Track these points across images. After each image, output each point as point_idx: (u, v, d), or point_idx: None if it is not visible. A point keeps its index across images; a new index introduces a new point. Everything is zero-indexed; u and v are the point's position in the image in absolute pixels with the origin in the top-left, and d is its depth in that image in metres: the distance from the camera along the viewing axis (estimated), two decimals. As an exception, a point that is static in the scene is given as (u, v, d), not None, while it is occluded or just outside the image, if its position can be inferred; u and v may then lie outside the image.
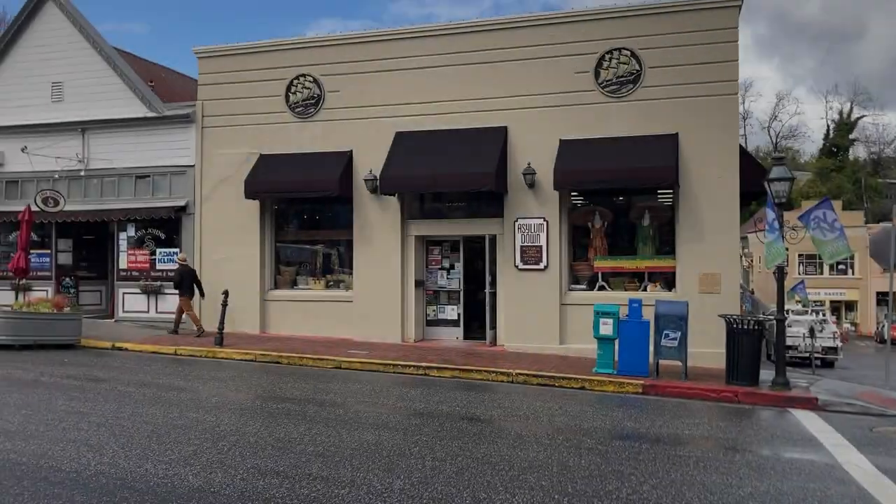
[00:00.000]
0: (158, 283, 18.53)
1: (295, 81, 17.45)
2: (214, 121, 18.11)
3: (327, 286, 17.74)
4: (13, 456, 6.99)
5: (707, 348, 13.70)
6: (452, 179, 15.60)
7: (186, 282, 16.79)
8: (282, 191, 17.15)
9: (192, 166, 18.30)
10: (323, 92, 17.23)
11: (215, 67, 18.23)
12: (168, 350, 14.94)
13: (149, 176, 18.84)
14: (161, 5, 79.13)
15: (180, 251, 18.10)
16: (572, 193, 15.90)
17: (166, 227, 18.72)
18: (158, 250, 18.81)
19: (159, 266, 18.72)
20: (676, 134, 14.74)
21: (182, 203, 18.26)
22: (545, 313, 15.41)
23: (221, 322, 15.26)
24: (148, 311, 18.61)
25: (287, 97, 17.49)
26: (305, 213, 18.55)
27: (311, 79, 17.33)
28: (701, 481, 6.94)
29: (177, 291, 16.96)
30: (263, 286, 17.71)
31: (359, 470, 6.85)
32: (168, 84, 21.42)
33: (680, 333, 12.59)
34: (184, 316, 16.89)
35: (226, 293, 15.42)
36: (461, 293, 16.99)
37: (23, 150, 19.32)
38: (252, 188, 16.99)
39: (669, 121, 14.84)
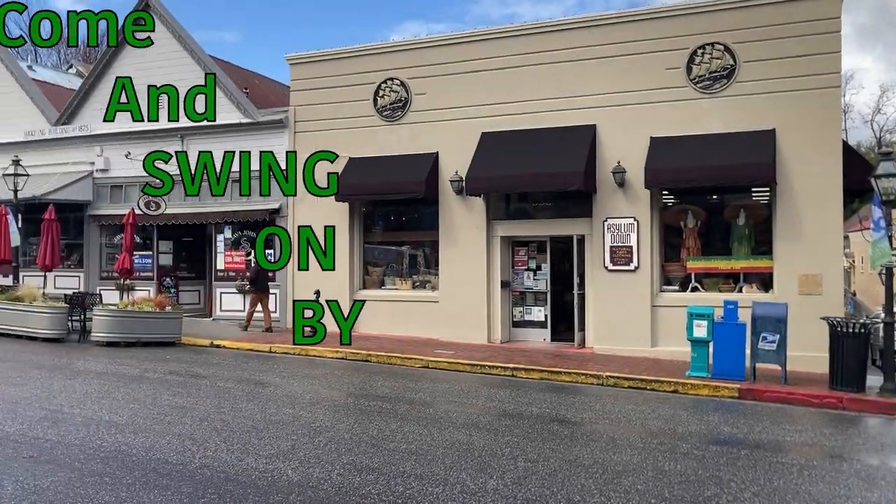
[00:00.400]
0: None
1: (382, 85, 17.70)
2: (306, 125, 18.56)
3: (414, 287, 17.91)
4: (124, 448, 7.34)
5: (807, 352, 13.15)
6: (539, 179, 15.49)
7: (261, 279, 17.66)
8: (370, 193, 17.43)
9: (285, 170, 18.78)
10: (410, 95, 17.42)
11: (306, 73, 18.68)
12: (263, 348, 15.40)
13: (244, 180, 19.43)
14: (251, 14, 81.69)
15: (273, 250, 18.66)
16: (663, 192, 15.55)
17: (261, 229, 19.29)
18: (254, 251, 19.40)
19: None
20: (773, 130, 14.22)
21: (276, 206, 18.78)
22: (636, 315, 15.11)
23: (313, 321, 15.62)
24: (243, 310, 19.20)
25: (375, 101, 17.77)
26: (392, 215, 18.79)
27: (398, 82, 17.55)
28: (806, 490, 6.67)
29: (251, 288, 17.95)
30: (352, 286, 18.02)
31: (452, 469, 6.89)
32: (261, 90, 22.09)
33: (779, 336, 12.13)
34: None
35: (317, 293, 15.78)
36: (548, 294, 16.85)
37: (126, 156, 20.30)
38: (342, 191, 17.33)
39: (766, 116, 14.32)
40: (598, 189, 15.54)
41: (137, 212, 18.31)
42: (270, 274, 18.50)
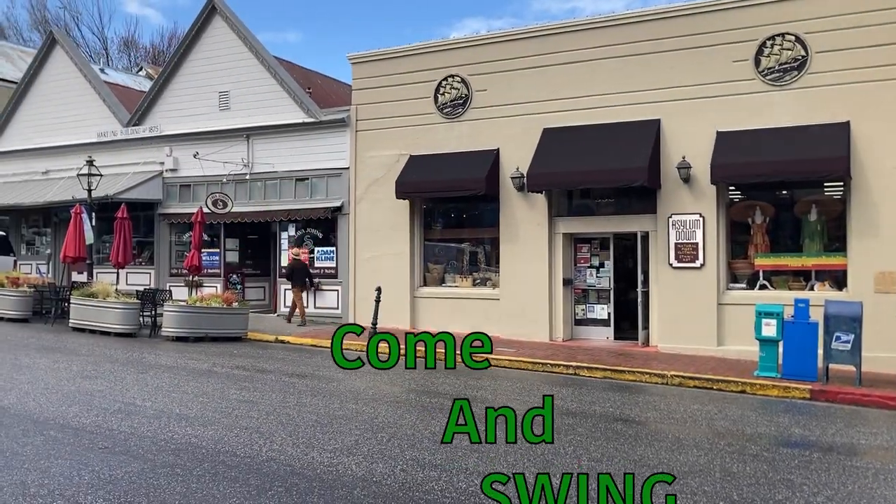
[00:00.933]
0: (317, 279, 19.40)
1: (443, 82, 17.74)
2: (367, 124, 18.74)
3: (474, 284, 17.91)
4: (194, 440, 7.54)
5: (884, 353, 12.70)
6: (602, 175, 15.31)
7: (297, 275, 18.40)
8: (431, 190, 17.50)
9: (347, 168, 19.03)
10: (470, 91, 17.42)
11: (367, 72, 18.86)
12: (326, 344, 15.60)
13: (307, 178, 19.77)
14: (313, 14, 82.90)
15: (335, 247, 18.95)
16: (730, 188, 15.17)
17: (323, 226, 19.59)
18: (316, 249, 19.71)
19: (317, 263, 19.61)
20: (847, 122, 13.73)
21: (338, 203, 19.03)
22: (701, 313, 14.80)
23: (375, 317, 15.76)
24: (308, 307, 19.52)
25: (436, 98, 17.82)
26: (452, 212, 18.82)
27: (458, 79, 17.56)
28: (882, 495, 6.44)
29: (290, 283, 18.71)
30: (413, 283, 18.13)
31: (514, 466, 6.86)
32: (323, 90, 22.41)
33: (853, 336, 11.71)
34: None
35: (379, 290, 15.91)
36: (611, 292, 16.64)
37: (195, 156, 20.84)
38: (402, 188, 17.44)
39: (839, 108, 13.84)
40: (662, 185, 15.27)
41: (205, 210, 18.79)
42: (313, 270, 19.27)
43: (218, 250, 21.25)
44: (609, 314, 16.66)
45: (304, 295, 18.77)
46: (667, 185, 15.23)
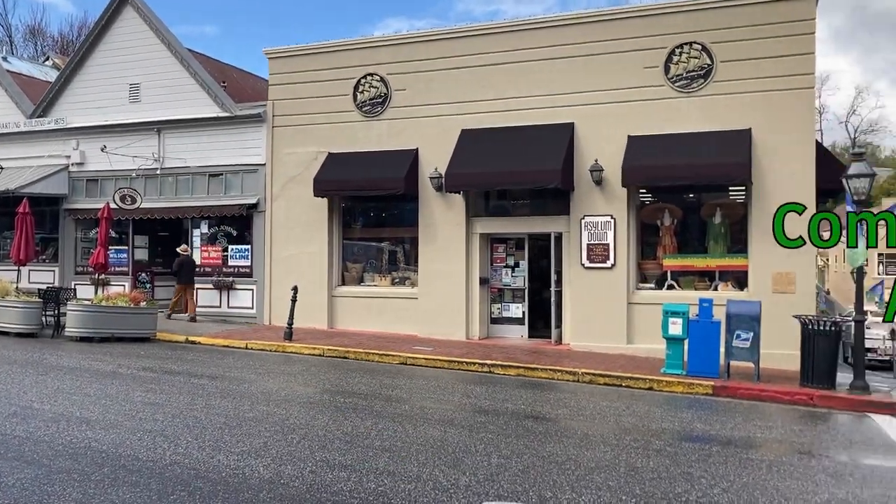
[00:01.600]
0: (230, 278, 19.02)
1: (362, 80, 17.65)
2: (284, 120, 18.47)
3: (393, 283, 17.90)
4: (94, 444, 7.27)
5: (780, 350, 13.30)
6: (518, 177, 15.53)
7: (185, 270, 18.45)
8: (349, 189, 17.37)
9: (263, 165, 18.71)
10: (389, 91, 17.38)
11: (285, 68, 18.58)
12: (239, 344, 15.32)
13: (221, 174, 19.33)
14: (231, 8, 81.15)
15: (250, 245, 18.59)
16: (640, 190, 15.64)
17: (238, 224, 19.20)
18: (230, 247, 19.30)
19: (231, 262, 19.21)
20: (749, 129, 14.34)
21: (253, 201, 18.68)
22: (612, 312, 15.20)
23: (291, 317, 15.56)
24: (220, 306, 19.10)
25: (355, 96, 17.71)
26: (371, 211, 18.76)
27: (378, 78, 17.50)
28: (774, 486, 6.74)
29: (177, 279, 18.78)
30: (331, 282, 17.97)
31: (425, 465, 6.89)
32: (239, 84, 21.94)
33: (752, 334, 12.25)
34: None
35: (295, 289, 15.71)
36: (526, 291, 16.91)
37: (102, 150, 20.07)
38: (320, 186, 17.26)
39: (742, 116, 14.44)
40: (575, 187, 15.61)
41: (112, 206, 18.12)
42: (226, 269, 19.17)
43: (126, 248, 20.57)
44: (524, 313, 16.93)
45: (188, 291, 18.77)
46: (580, 187, 15.57)
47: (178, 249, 18.89)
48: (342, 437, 7.85)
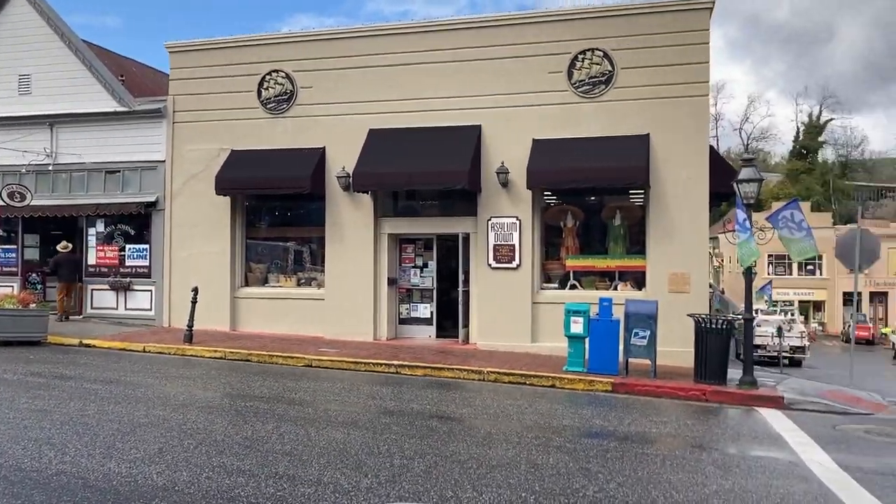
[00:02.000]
0: (128, 279, 18.30)
1: (267, 77, 17.31)
2: (186, 116, 17.92)
3: (299, 284, 17.64)
4: (-27, 455, 6.86)
5: (676, 347, 13.82)
6: (426, 177, 15.57)
7: (64, 269, 17.89)
8: (253, 187, 17.00)
9: (163, 161, 18.09)
10: (295, 88, 17.12)
11: (187, 62, 18.03)
12: (136, 347, 14.77)
13: (118, 171, 18.58)
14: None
15: (149, 245, 17.94)
16: (545, 193, 15.95)
17: (136, 222, 18.49)
18: (128, 246, 18.58)
19: (129, 262, 18.49)
20: (648, 135, 14.85)
21: (152, 199, 18.04)
22: (517, 312, 15.45)
23: (191, 319, 15.11)
24: (117, 308, 18.37)
25: (259, 93, 17.35)
26: (277, 210, 18.43)
27: (283, 74, 17.21)
28: (667, 479, 6.99)
29: (58, 278, 18.10)
30: (234, 283, 17.56)
31: (326, 468, 6.82)
32: (139, 79, 21.16)
33: (649, 332, 12.69)
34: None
35: (195, 290, 15.28)
36: (434, 291, 16.98)
37: (-11, 144, 18.97)
38: (223, 184, 16.83)
39: (641, 121, 14.94)
40: (482, 189, 15.77)
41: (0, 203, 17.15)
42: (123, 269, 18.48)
43: (15, 247, 19.50)
44: (432, 313, 16.99)
45: (69, 289, 18.17)
46: (487, 188, 15.75)
47: (58, 247, 18.03)
48: (241, 442, 7.68)
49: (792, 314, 36.52)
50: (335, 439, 7.97)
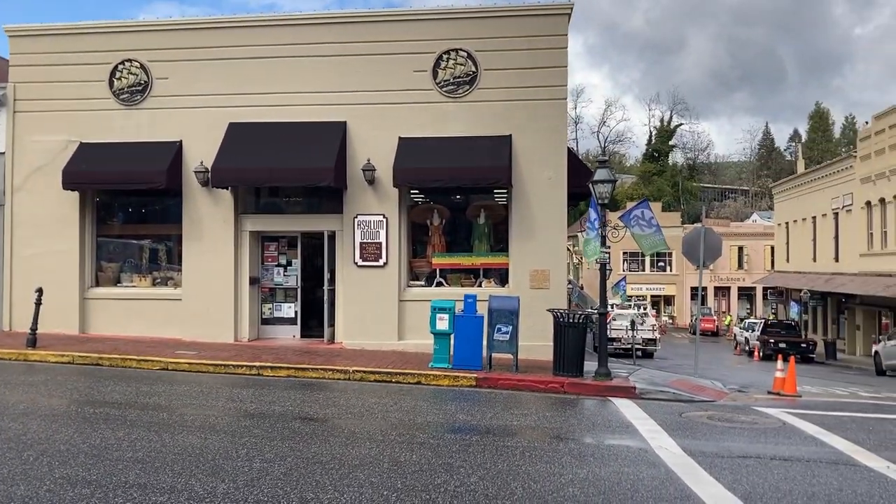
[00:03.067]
0: (-40, 280, 16.85)
1: (120, 66, 16.43)
2: (29, 105, 16.71)
3: (154, 284, 16.86)
4: None
5: (537, 341, 14.28)
6: (289, 174, 15.28)
7: None
8: (104, 182, 16.09)
9: (2, 153, 16.79)
10: (150, 78, 16.34)
11: (30, 48, 16.82)
12: (-30, 354, 13.62)
13: (-51, 162, 17.08)
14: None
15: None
16: (412, 191, 16.04)
17: (-30, 219, 17.06)
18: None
19: (-39, 262, 17.02)
20: (510, 135, 15.22)
21: (-11, 193, 16.71)
22: (384, 310, 15.44)
23: (35, 322, 14.09)
24: (-53, 312, 16.89)
25: (111, 83, 16.44)
26: (131, 206, 17.54)
27: (137, 64, 16.38)
28: (526, 471, 7.19)
29: None
30: (83, 284, 16.56)
31: (180, 475, 6.54)
32: (-26, 63, 19.53)
33: (511, 327, 13.03)
34: None
35: (40, 291, 14.27)
36: (298, 290, 16.70)
37: None
38: (70, 178, 15.81)
39: (503, 122, 15.30)
40: (348, 186, 15.66)
41: None
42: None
43: None
44: (296, 313, 16.71)
45: None
46: (353, 186, 15.64)
47: None
48: (88, 451, 7.23)
49: (644, 308, 38.55)
50: (191, 445, 7.65)
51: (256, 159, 15.29)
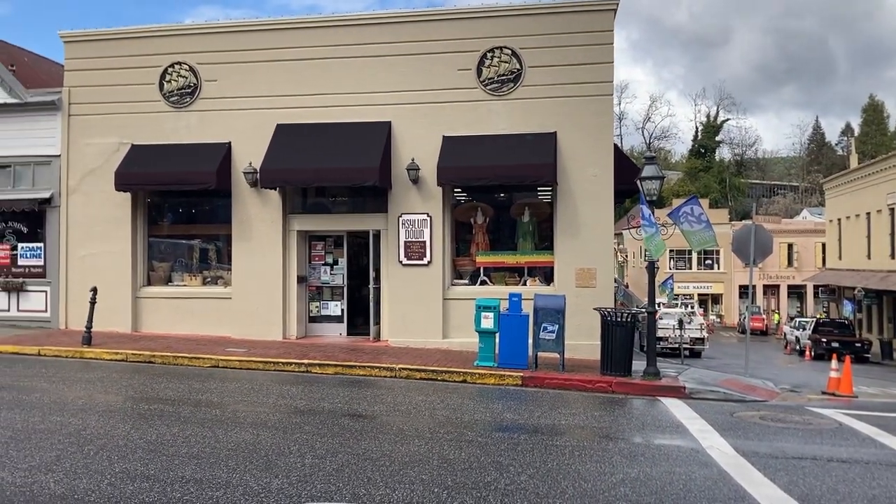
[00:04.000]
0: (20, 279, 17.40)
1: (170, 69, 16.75)
2: (83, 108, 17.15)
3: (204, 283, 17.17)
4: None
5: (583, 340, 14.19)
6: (335, 174, 15.42)
7: None
8: (155, 183, 16.42)
9: (58, 156, 17.27)
10: (200, 81, 16.64)
11: (84, 53, 17.25)
12: (31, 350, 14.04)
13: (9, 165, 17.62)
14: (25, -16, 74.30)
15: (43, 243, 17.11)
16: (455, 189, 16.06)
17: (29, 220, 17.58)
18: (20, 245, 17.65)
19: (21, 262, 17.58)
20: (555, 132, 15.14)
21: (46, 195, 17.19)
22: (428, 308, 15.49)
23: (90, 320, 14.46)
24: (9, 310, 17.44)
25: (161, 85, 16.78)
26: (181, 207, 17.88)
27: (186, 67, 16.69)
28: (576, 469, 7.16)
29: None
30: (136, 283, 16.93)
31: (235, 471, 6.66)
32: (32, 69, 20.15)
33: (557, 326, 12.95)
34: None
35: (94, 290, 14.63)
36: (345, 289, 16.84)
37: None
38: (123, 180, 16.19)
39: (548, 119, 15.22)
40: (393, 185, 15.74)
41: None
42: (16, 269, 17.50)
43: None
44: (343, 311, 16.86)
45: None
46: (397, 185, 15.72)
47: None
48: (145, 446, 7.41)
49: (692, 307, 38.01)
50: (244, 440, 7.79)
51: (303, 160, 15.46)
